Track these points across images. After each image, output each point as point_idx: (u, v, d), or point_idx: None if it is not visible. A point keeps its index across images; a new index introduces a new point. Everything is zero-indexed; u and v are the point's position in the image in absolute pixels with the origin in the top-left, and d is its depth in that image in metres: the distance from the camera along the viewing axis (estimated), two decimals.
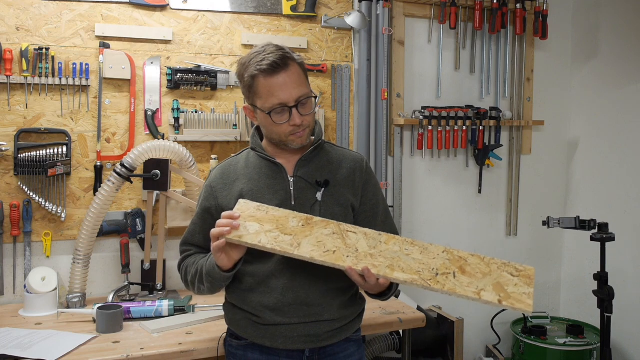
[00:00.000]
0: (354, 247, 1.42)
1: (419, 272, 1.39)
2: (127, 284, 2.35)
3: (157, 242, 2.39)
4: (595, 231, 2.34)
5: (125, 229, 2.40)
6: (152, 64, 2.46)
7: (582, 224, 2.37)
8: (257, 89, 1.51)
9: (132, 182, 2.31)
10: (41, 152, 2.28)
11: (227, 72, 2.56)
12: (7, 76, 2.23)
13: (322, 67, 2.71)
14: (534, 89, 3.17)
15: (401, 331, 2.32)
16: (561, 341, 2.76)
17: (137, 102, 2.45)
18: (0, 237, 2.27)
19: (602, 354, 2.33)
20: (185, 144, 2.47)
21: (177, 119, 2.48)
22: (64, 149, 2.33)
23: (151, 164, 2.30)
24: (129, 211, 2.43)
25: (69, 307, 2.20)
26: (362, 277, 1.40)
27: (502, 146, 3.05)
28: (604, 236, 2.30)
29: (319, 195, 1.56)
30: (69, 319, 2.07)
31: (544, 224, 2.45)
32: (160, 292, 2.38)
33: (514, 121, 3.07)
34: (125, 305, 2.06)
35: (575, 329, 2.86)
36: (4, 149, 2.25)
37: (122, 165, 2.22)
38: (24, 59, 2.25)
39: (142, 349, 1.79)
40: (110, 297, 2.21)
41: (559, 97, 3.24)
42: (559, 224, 2.42)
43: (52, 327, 1.98)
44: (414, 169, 2.97)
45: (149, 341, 1.86)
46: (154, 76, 2.46)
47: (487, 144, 3.01)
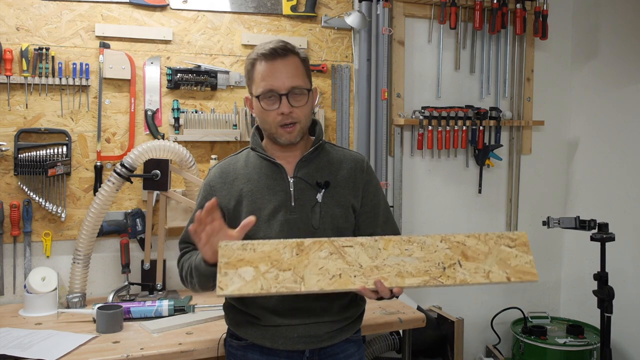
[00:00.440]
0: (356, 263, 1.37)
1: (427, 271, 1.37)
2: (127, 284, 2.35)
3: (157, 242, 2.39)
4: (595, 231, 2.34)
5: (125, 229, 2.40)
6: (152, 64, 2.46)
7: (582, 224, 2.37)
8: (254, 74, 1.53)
9: (132, 182, 2.31)
10: (41, 152, 2.28)
11: (227, 72, 2.56)
12: (7, 76, 2.23)
13: (322, 67, 2.71)
14: (534, 89, 3.17)
15: (401, 331, 2.32)
16: (561, 341, 2.76)
17: (137, 102, 2.45)
18: (0, 237, 2.27)
19: (602, 354, 2.33)
20: (185, 144, 2.47)
21: (177, 119, 2.48)
22: (64, 149, 2.33)
23: (151, 164, 2.30)
24: (129, 211, 2.43)
25: (69, 307, 2.20)
26: (375, 292, 1.34)
27: (502, 146, 3.05)
28: (604, 236, 2.30)
29: (319, 196, 1.55)
30: (69, 319, 2.07)
31: (544, 224, 2.45)
32: (160, 292, 2.38)
33: (514, 121, 3.07)
34: (125, 305, 2.06)
35: (575, 329, 2.86)
36: (4, 149, 2.25)
37: (122, 165, 2.22)
38: (24, 59, 2.25)
39: (142, 349, 1.79)
40: (110, 297, 2.21)
41: (559, 97, 3.24)
42: (559, 224, 2.42)
43: (52, 327, 1.98)
44: (414, 169, 2.96)
45: (149, 341, 1.86)
46: (154, 76, 2.46)
47: (487, 144, 3.01)
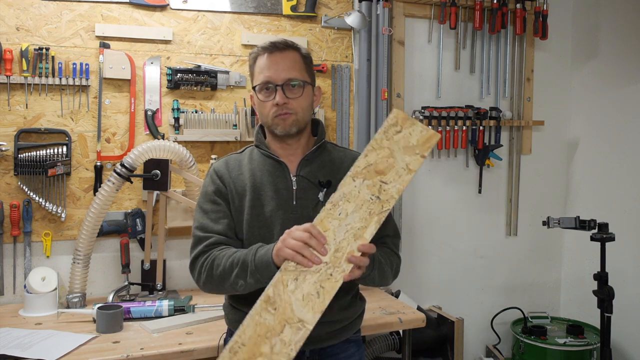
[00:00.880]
0: (322, 264, 1.32)
1: (370, 212, 1.33)
2: (127, 284, 2.35)
3: (157, 242, 2.39)
4: (595, 231, 2.34)
5: (125, 229, 2.40)
6: (152, 64, 2.46)
7: (582, 224, 2.37)
8: (254, 68, 1.56)
9: (132, 182, 2.31)
10: (41, 152, 2.28)
11: (227, 72, 2.55)
12: (7, 76, 2.23)
13: (322, 67, 2.71)
14: (534, 89, 3.16)
15: (401, 331, 2.32)
16: (561, 341, 2.76)
17: (137, 102, 2.44)
18: (0, 237, 2.27)
19: (602, 354, 2.33)
20: (185, 144, 2.47)
21: (177, 119, 2.48)
22: (64, 149, 2.33)
23: (151, 164, 2.30)
24: (129, 211, 2.43)
25: (69, 307, 2.20)
26: (358, 268, 1.34)
27: (502, 146, 3.05)
28: (604, 236, 2.30)
29: (321, 195, 1.55)
30: (69, 319, 2.07)
31: (544, 224, 2.45)
32: (160, 292, 2.38)
33: (514, 121, 3.07)
34: (125, 305, 2.06)
35: (575, 329, 2.86)
36: (4, 149, 2.25)
37: (122, 165, 2.22)
38: (24, 59, 2.25)
39: (142, 349, 1.79)
40: (110, 297, 2.21)
41: (559, 97, 3.24)
42: (559, 224, 2.42)
43: (52, 327, 1.98)
44: None
45: (149, 341, 1.86)
46: (154, 76, 2.46)
47: (487, 144, 3.01)
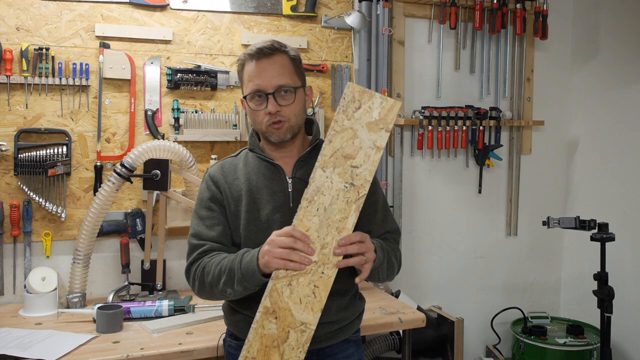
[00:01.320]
0: (312, 264, 1.32)
1: (347, 201, 1.33)
2: (127, 284, 2.35)
3: (157, 242, 2.39)
4: (595, 231, 2.34)
5: (125, 229, 2.40)
6: (152, 64, 2.46)
7: (582, 224, 2.37)
8: (243, 75, 1.53)
9: (132, 182, 2.31)
10: (41, 152, 2.28)
11: (227, 72, 2.56)
12: (7, 76, 2.23)
13: (322, 67, 2.71)
14: (534, 89, 3.16)
15: (401, 331, 2.32)
16: (561, 341, 2.76)
17: (137, 102, 2.45)
18: (0, 237, 2.27)
19: (602, 354, 2.33)
20: (185, 144, 2.47)
21: (177, 119, 2.48)
22: (64, 149, 2.33)
23: (151, 164, 2.30)
24: (129, 211, 2.43)
25: (69, 307, 2.20)
26: (348, 257, 1.34)
27: (502, 146, 3.05)
28: (604, 236, 2.30)
29: None
30: (69, 319, 2.07)
31: (544, 224, 2.45)
32: (160, 292, 2.38)
33: (514, 121, 3.07)
34: (125, 305, 2.06)
35: (575, 329, 2.86)
36: (4, 149, 2.25)
37: (122, 165, 2.22)
38: (24, 59, 2.25)
39: (142, 349, 1.79)
40: (110, 297, 2.21)
41: (559, 97, 3.24)
42: (559, 224, 2.42)
43: (52, 327, 1.98)
44: (414, 169, 2.96)
45: (149, 341, 1.86)
46: (154, 76, 2.46)
47: (487, 144, 3.01)
